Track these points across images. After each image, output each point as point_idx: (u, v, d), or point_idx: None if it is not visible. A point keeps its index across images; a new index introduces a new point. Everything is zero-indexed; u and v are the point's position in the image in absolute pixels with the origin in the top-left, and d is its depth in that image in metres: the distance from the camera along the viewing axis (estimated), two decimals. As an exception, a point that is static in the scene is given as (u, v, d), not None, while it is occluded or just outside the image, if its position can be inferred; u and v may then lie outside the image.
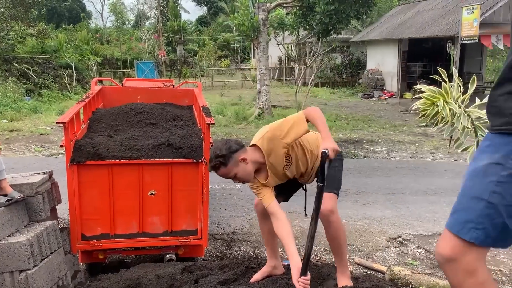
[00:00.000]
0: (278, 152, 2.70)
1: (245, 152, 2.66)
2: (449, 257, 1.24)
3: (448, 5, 18.20)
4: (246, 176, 2.68)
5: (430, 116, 2.20)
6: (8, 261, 2.90)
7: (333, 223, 2.77)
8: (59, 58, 19.42)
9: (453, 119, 2.03)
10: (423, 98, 2.19)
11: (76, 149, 3.49)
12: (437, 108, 2.08)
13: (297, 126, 2.65)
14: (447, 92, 2.09)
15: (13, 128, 11.20)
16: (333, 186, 2.79)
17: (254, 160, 2.70)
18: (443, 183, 7.32)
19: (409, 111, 15.44)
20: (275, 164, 2.74)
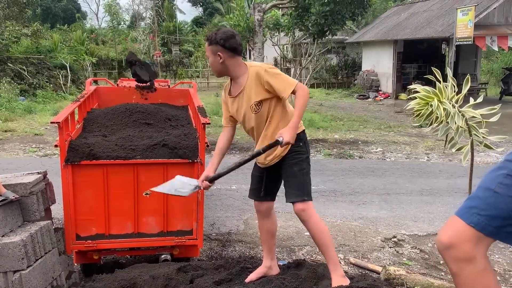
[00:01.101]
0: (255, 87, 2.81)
1: (229, 55, 2.80)
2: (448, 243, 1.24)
3: (443, 7, 18.30)
4: (212, 65, 2.91)
5: (424, 116, 2.21)
6: (1, 261, 2.89)
7: (309, 220, 2.81)
8: (54, 58, 19.33)
9: (447, 118, 2.04)
10: (417, 98, 2.20)
11: (71, 149, 3.48)
12: (431, 108, 2.09)
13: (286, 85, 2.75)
14: (441, 92, 2.10)
15: (7, 129, 11.13)
16: (303, 194, 2.83)
17: (232, 68, 2.85)
18: (438, 183, 7.35)
19: (404, 111, 15.51)
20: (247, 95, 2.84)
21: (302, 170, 2.87)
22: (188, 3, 48.58)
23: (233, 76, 2.90)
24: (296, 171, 2.84)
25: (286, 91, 2.74)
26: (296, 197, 2.80)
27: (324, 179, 7.37)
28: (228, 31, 2.84)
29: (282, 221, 5.42)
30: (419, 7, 20.81)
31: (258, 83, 2.79)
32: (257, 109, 2.84)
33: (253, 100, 2.82)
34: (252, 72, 2.81)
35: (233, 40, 2.79)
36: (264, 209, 3.05)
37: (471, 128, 2.19)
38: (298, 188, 2.82)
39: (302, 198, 2.80)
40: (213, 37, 2.78)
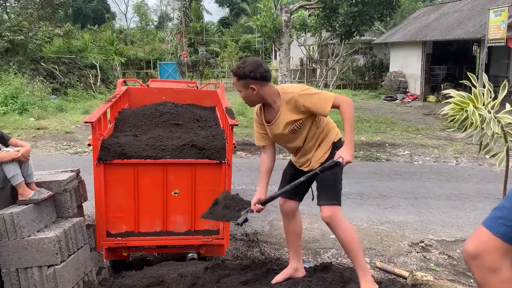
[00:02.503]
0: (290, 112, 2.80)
1: (262, 84, 2.78)
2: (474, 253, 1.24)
3: (475, 7, 17.87)
4: (245, 98, 2.87)
5: (459, 121, 2.18)
6: (37, 256, 2.99)
7: (336, 226, 2.82)
8: (84, 58, 19.81)
9: (483, 125, 2.01)
10: (451, 103, 2.17)
11: (103, 148, 3.57)
12: (466, 113, 2.06)
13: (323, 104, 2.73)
14: (477, 97, 2.06)
15: (39, 126, 11.47)
16: (333, 198, 2.85)
17: (266, 96, 2.82)
18: (467, 188, 7.20)
19: (433, 114, 15.23)
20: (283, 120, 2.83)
21: (335, 175, 2.87)
22: (215, 3, 48.89)
23: (268, 104, 2.87)
24: (329, 177, 2.84)
25: (325, 110, 2.73)
26: (325, 200, 2.82)
27: (350, 182, 7.32)
28: (254, 62, 2.80)
29: (307, 223, 5.42)
30: (449, 8, 20.38)
31: (294, 109, 2.78)
32: (298, 128, 2.85)
33: (291, 125, 2.82)
34: (285, 98, 2.80)
35: (262, 68, 2.76)
36: (289, 209, 3.06)
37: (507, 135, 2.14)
38: (330, 192, 2.83)
39: (332, 202, 2.81)
40: (242, 72, 2.75)
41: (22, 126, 11.32)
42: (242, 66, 2.77)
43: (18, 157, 3.12)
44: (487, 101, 2.04)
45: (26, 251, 2.98)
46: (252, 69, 2.73)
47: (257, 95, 2.80)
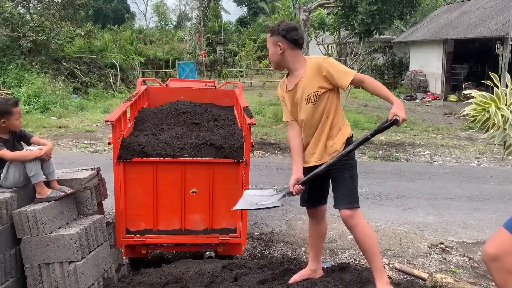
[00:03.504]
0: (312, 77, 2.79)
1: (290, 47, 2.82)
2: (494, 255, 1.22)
3: (498, 5, 17.51)
4: (271, 57, 2.90)
5: (480, 122, 2.14)
6: (58, 252, 3.05)
7: (355, 227, 2.76)
8: (105, 57, 20.08)
9: (505, 125, 1.96)
10: (473, 104, 2.13)
11: (123, 147, 3.62)
12: (488, 114, 2.02)
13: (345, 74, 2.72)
14: (499, 97, 2.02)
15: (61, 125, 11.68)
16: (353, 201, 2.78)
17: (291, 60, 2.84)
18: (488, 189, 7.06)
19: (454, 114, 14.98)
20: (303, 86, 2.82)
21: (353, 176, 2.82)
22: (233, 3, 49.04)
23: (291, 69, 2.88)
24: (347, 177, 2.79)
25: (346, 79, 2.71)
26: (347, 204, 2.75)
27: (369, 182, 7.26)
28: (291, 24, 2.86)
29: (325, 223, 5.39)
30: (471, 5, 20.01)
31: (316, 73, 2.77)
32: (314, 101, 2.80)
33: (310, 91, 2.79)
34: (310, 63, 2.81)
35: (295, 32, 2.81)
36: (318, 213, 3.02)
37: (530, 135, 2.10)
38: (349, 195, 2.77)
39: (353, 205, 2.75)
40: (276, 28, 2.82)
41: (44, 125, 11.55)
42: (278, 24, 2.85)
43: (41, 156, 3.18)
44: (510, 101, 2.00)
45: (48, 247, 3.04)
46: (286, 29, 2.79)
47: (282, 56, 2.83)
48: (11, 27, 15.93)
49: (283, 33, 2.79)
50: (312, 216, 3.05)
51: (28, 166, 3.16)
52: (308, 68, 2.81)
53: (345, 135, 2.87)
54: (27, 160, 3.14)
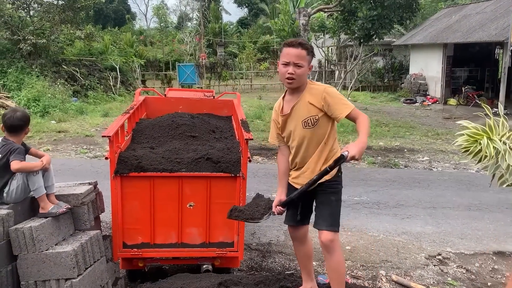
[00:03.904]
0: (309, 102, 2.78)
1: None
2: None
3: (498, 9, 17.51)
4: (302, 75, 2.78)
5: (473, 153, 2.15)
6: (54, 269, 3.05)
7: (333, 251, 2.78)
8: (105, 60, 20.09)
9: (498, 156, 1.97)
10: (465, 135, 2.14)
11: (120, 161, 3.62)
12: (480, 146, 2.03)
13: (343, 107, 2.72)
14: (491, 129, 2.03)
15: (60, 129, 11.69)
16: (335, 225, 2.81)
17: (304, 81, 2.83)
18: (487, 198, 7.06)
19: (453, 118, 14.98)
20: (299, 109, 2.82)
21: (338, 200, 2.86)
22: (233, 4, 49.04)
23: (298, 90, 2.85)
24: (333, 200, 2.83)
25: (342, 113, 2.70)
26: (327, 226, 2.78)
27: (367, 190, 7.26)
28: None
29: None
30: (471, 9, 20.02)
31: (315, 99, 2.76)
32: (312, 125, 2.79)
33: (308, 115, 2.79)
34: (310, 88, 2.82)
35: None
36: (301, 235, 3.04)
37: (523, 167, 2.10)
38: (331, 217, 2.81)
39: (334, 228, 2.79)
40: (311, 48, 2.80)
41: (44, 129, 11.55)
42: (310, 44, 2.83)
43: (44, 166, 3.22)
44: (502, 132, 2.00)
45: (44, 264, 3.04)
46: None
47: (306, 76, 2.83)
48: (11, 30, 15.94)
49: (312, 54, 2.81)
50: (294, 238, 3.08)
51: (31, 180, 3.17)
52: (307, 92, 2.81)
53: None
54: (33, 171, 3.16)
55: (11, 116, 3.18)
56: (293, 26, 13.51)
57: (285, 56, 2.75)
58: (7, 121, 3.18)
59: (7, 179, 3.17)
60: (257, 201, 3.12)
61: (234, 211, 3.04)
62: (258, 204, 3.06)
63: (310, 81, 2.88)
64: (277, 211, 2.90)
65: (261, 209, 3.00)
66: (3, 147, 3.16)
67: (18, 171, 3.14)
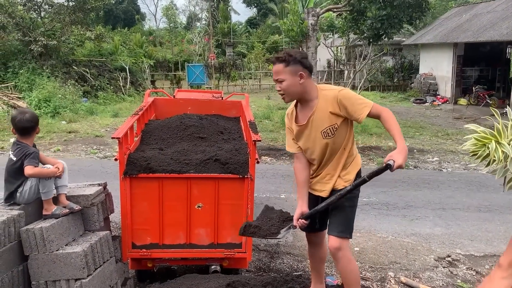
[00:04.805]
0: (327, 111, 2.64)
1: (307, 75, 2.68)
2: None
3: (509, 8, 17.32)
4: (289, 88, 2.65)
5: (481, 157, 2.13)
6: (64, 270, 3.09)
7: (343, 258, 2.76)
8: (115, 61, 20.24)
9: (506, 160, 1.96)
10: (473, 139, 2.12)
11: (129, 163, 3.65)
12: (488, 150, 2.01)
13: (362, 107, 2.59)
14: (500, 133, 2.01)
15: (71, 130, 11.80)
16: (346, 231, 2.77)
17: (308, 90, 2.68)
18: (497, 199, 7.00)
19: (463, 118, 14.85)
20: (318, 119, 2.68)
21: (353, 207, 2.81)
22: (242, 4, 49.08)
23: (306, 99, 2.72)
24: (346, 206, 2.77)
25: (362, 113, 2.59)
26: (339, 232, 2.74)
27: (376, 191, 7.23)
28: (302, 51, 2.81)
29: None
30: (482, 8, 19.82)
31: (331, 106, 2.65)
32: (331, 134, 2.68)
33: (327, 124, 2.68)
34: (324, 95, 2.69)
35: (308, 59, 2.71)
36: (319, 240, 3.03)
37: (532, 171, 2.09)
38: (344, 224, 2.77)
39: (345, 235, 2.76)
40: (292, 57, 2.63)
41: (54, 130, 11.67)
42: (290, 53, 2.65)
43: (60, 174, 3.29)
44: (511, 136, 1.99)
45: (54, 264, 3.08)
46: (304, 56, 2.66)
47: (302, 86, 2.65)
48: (23, 32, 16.13)
49: (303, 62, 2.63)
50: (311, 242, 3.06)
51: (42, 183, 3.22)
52: (321, 100, 2.68)
53: (358, 164, 2.86)
54: (47, 177, 3.21)
55: (21, 118, 3.22)
56: (302, 26, 13.48)
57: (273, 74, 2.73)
58: (17, 124, 3.22)
59: (21, 181, 3.22)
60: (267, 214, 2.92)
61: (248, 227, 2.84)
62: (271, 218, 2.87)
63: (321, 87, 2.75)
64: (299, 224, 2.74)
65: (275, 222, 2.81)
66: (18, 150, 3.21)
67: (31, 177, 3.19)
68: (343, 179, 2.82)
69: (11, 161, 3.22)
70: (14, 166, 3.20)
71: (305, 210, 2.76)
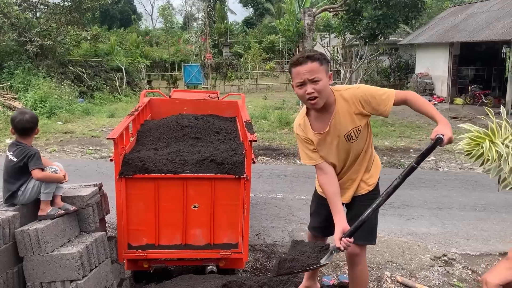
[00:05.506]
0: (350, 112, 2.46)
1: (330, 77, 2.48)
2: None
3: (504, 7, 17.38)
4: (325, 89, 2.41)
5: (475, 157, 2.14)
6: (60, 271, 3.08)
7: (357, 266, 2.74)
8: (111, 61, 20.20)
9: (500, 160, 1.96)
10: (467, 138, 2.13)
11: (125, 163, 3.64)
12: (482, 149, 2.01)
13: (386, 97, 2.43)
14: (494, 132, 2.01)
15: (67, 130, 11.77)
16: (372, 238, 2.73)
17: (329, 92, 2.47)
18: (493, 198, 7.02)
19: (460, 118, 14.90)
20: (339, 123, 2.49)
21: (377, 214, 2.74)
22: (239, 3, 49.10)
23: (326, 104, 2.48)
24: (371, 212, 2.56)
25: (388, 104, 2.44)
26: (364, 240, 2.68)
27: (372, 190, 7.23)
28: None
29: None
30: (477, 8, 19.89)
31: (352, 106, 2.48)
32: (356, 137, 2.54)
33: (350, 127, 2.52)
34: (341, 96, 2.50)
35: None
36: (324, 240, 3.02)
37: (526, 169, 2.09)
38: (368, 231, 2.67)
39: (370, 242, 2.73)
40: (323, 56, 2.43)
41: (50, 130, 11.63)
42: (317, 52, 2.44)
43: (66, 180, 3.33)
44: (505, 135, 1.99)
45: (49, 266, 3.07)
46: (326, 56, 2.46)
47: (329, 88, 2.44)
48: (18, 32, 16.07)
49: (327, 62, 2.44)
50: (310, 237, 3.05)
51: (46, 183, 3.22)
52: (340, 102, 2.50)
53: (379, 165, 2.79)
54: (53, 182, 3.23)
55: (20, 119, 3.21)
56: (298, 26, 13.49)
57: (296, 77, 2.42)
58: (17, 124, 3.21)
59: (23, 181, 3.22)
60: (298, 248, 2.59)
61: (283, 262, 2.47)
62: (304, 251, 2.53)
63: (336, 88, 2.57)
64: (344, 244, 2.39)
65: (311, 254, 2.47)
66: (19, 151, 3.20)
67: (39, 180, 3.19)
68: (366, 183, 2.74)
69: (11, 161, 3.21)
70: (15, 166, 3.19)
71: (345, 227, 2.46)
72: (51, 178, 3.22)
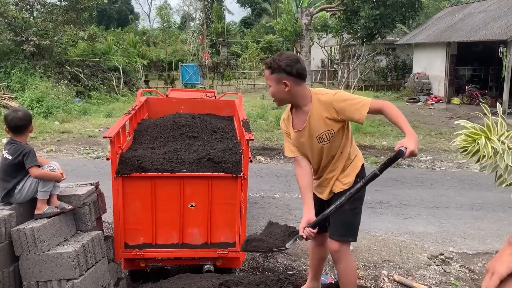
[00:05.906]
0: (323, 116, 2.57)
1: (296, 82, 2.56)
2: None
3: (501, 7, 17.42)
4: (274, 94, 2.64)
5: (471, 153, 2.14)
6: (56, 270, 3.07)
7: (338, 262, 2.77)
8: (108, 60, 20.14)
9: (496, 156, 1.96)
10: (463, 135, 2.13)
11: (122, 162, 3.63)
12: (478, 145, 2.01)
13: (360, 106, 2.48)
14: (490, 129, 2.01)
15: (64, 130, 11.73)
16: (347, 234, 2.75)
17: (298, 96, 2.60)
18: (490, 197, 7.03)
19: (457, 117, 14.92)
20: (313, 125, 2.61)
21: (354, 209, 2.73)
22: (236, 3, 49.04)
23: (298, 105, 2.65)
24: (346, 209, 2.64)
25: (361, 112, 2.48)
26: (339, 236, 2.71)
27: (370, 190, 7.17)
28: (292, 56, 2.60)
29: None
30: (474, 8, 19.92)
31: (326, 110, 2.57)
32: (327, 140, 2.62)
33: (322, 130, 2.60)
34: (318, 99, 2.60)
35: (299, 65, 2.55)
36: (321, 240, 3.01)
37: (522, 166, 2.09)
38: (344, 226, 2.72)
39: (346, 238, 2.73)
40: (277, 65, 2.53)
41: (47, 130, 11.59)
42: (278, 59, 2.54)
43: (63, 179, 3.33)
44: (501, 132, 1.99)
45: (46, 264, 3.06)
46: (289, 63, 2.51)
47: (288, 93, 2.57)
48: (15, 31, 16.01)
49: (287, 69, 2.50)
50: (316, 241, 3.04)
51: (44, 182, 3.22)
52: (315, 104, 2.60)
53: (357, 166, 2.79)
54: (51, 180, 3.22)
55: (13, 117, 3.20)
56: (296, 25, 13.48)
57: None
58: (10, 122, 3.20)
59: (19, 179, 3.21)
60: (271, 229, 2.74)
61: (250, 241, 2.65)
62: (275, 233, 2.67)
63: (315, 90, 2.67)
64: (306, 234, 2.54)
65: (279, 237, 2.62)
66: (13, 148, 3.19)
67: (36, 178, 3.18)
68: (341, 182, 2.78)
69: (6, 159, 3.20)
70: (11, 164, 3.19)
71: (311, 218, 2.59)
72: (49, 176, 3.21)
